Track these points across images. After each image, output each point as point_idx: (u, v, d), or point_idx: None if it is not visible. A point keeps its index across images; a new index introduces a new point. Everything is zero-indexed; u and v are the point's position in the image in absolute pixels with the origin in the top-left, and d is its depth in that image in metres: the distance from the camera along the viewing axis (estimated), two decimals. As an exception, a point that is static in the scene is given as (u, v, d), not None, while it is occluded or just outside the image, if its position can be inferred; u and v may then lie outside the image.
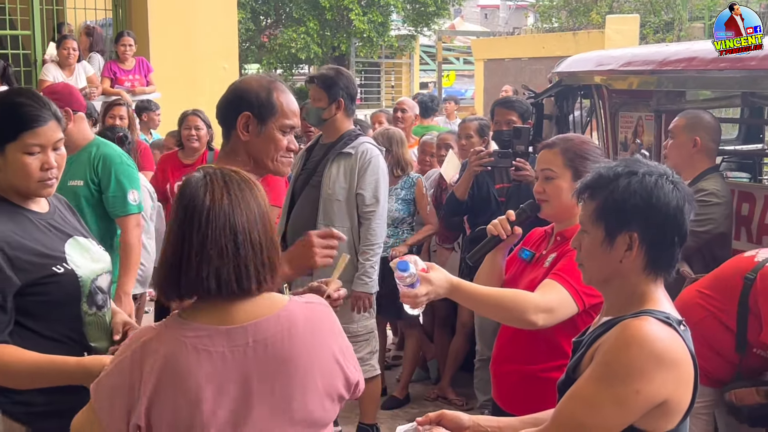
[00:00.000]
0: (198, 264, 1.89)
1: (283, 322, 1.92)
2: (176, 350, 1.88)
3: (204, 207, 1.90)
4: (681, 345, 2.00)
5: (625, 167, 2.10)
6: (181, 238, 1.91)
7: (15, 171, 2.52)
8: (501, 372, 3.08)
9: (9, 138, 2.50)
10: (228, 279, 1.89)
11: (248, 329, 1.90)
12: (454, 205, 5.12)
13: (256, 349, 1.90)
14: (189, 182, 1.96)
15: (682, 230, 2.06)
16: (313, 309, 2.00)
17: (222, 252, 1.88)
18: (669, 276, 2.12)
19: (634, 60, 4.88)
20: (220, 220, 1.89)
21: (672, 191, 2.05)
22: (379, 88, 21.43)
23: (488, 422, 2.34)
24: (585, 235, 2.14)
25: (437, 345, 6.10)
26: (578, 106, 5.78)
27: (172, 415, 1.87)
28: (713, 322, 3.39)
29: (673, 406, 1.99)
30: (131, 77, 9.02)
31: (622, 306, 2.09)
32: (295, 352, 1.91)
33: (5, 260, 2.40)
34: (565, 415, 2.04)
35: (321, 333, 1.97)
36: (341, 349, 2.00)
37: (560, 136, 3.18)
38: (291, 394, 1.91)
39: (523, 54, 16.38)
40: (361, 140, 4.54)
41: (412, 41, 20.45)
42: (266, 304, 1.95)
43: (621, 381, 1.95)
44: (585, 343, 2.13)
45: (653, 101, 4.83)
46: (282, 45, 18.28)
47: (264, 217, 1.96)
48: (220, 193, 1.92)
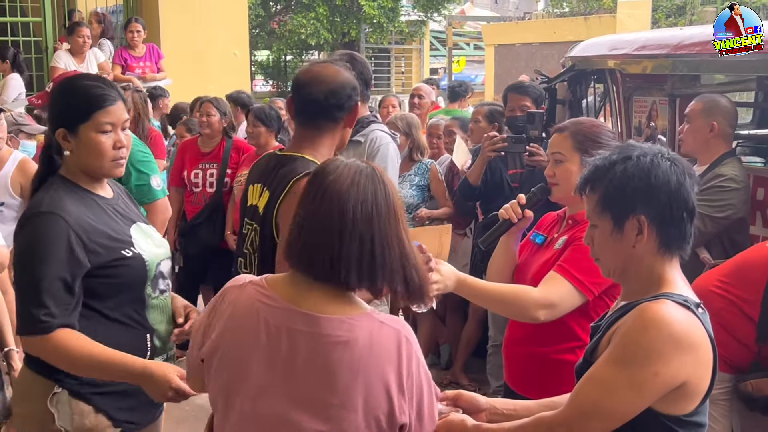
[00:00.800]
0: (298, 234, 1.93)
1: (345, 328, 1.88)
2: (245, 308, 1.96)
3: (324, 183, 1.92)
4: (699, 328, 2.00)
5: (619, 154, 2.10)
6: (298, 208, 1.95)
7: (89, 151, 2.55)
8: (513, 354, 3.10)
9: (82, 119, 2.52)
10: (322, 260, 1.89)
11: (309, 318, 1.90)
12: (467, 190, 5.11)
13: (310, 340, 1.89)
14: (328, 162, 1.99)
15: (689, 204, 2.06)
16: (383, 330, 1.91)
17: (324, 231, 1.89)
18: (684, 254, 2.11)
19: (649, 44, 4.84)
20: (333, 201, 1.89)
21: (670, 168, 2.05)
22: (389, 74, 21.39)
23: (504, 405, 2.35)
24: (594, 229, 2.15)
25: (450, 330, 6.10)
26: (591, 91, 5.75)
27: (223, 363, 1.96)
28: (734, 311, 3.36)
29: (692, 388, 1.99)
30: (142, 64, 9.02)
31: (640, 290, 2.09)
32: (344, 363, 1.86)
33: (79, 243, 2.44)
34: (582, 397, 2.04)
35: (378, 356, 1.87)
36: (399, 382, 1.88)
37: (572, 120, 3.18)
38: (328, 400, 1.87)
39: (534, 39, 16.29)
40: (372, 127, 4.50)
41: (422, 27, 20.40)
42: (341, 305, 1.93)
43: (639, 364, 1.95)
44: (603, 327, 2.13)
45: (668, 85, 4.79)
46: (292, 31, 18.27)
47: (385, 218, 1.92)
48: (345, 177, 1.92)
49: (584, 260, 2.74)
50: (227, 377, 1.96)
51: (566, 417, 2.05)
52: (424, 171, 5.75)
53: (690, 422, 2.03)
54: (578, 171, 2.82)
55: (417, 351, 1.94)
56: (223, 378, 1.97)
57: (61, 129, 2.54)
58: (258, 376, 1.92)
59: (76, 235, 2.45)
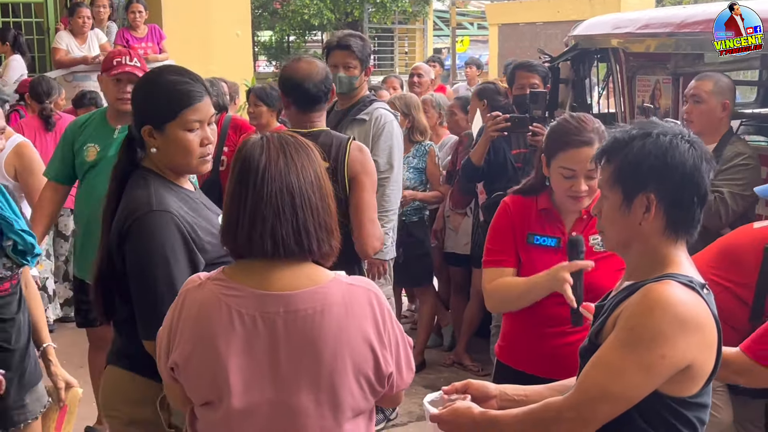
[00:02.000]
0: (251, 223, 1.91)
1: (318, 298, 1.92)
2: (211, 305, 1.94)
3: (259, 166, 1.92)
4: (704, 308, 1.99)
5: (640, 129, 2.08)
6: (237, 197, 1.94)
7: (177, 149, 2.51)
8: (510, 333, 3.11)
9: (170, 117, 2.48)
10: (286, 239, 1.91)
11: (282, 298, 1.92)
12: (471, 170, 5.09)
13: (287, 319, 1.91)
14: (246, 143, 1.99)
15: (701, 190, 2.04)
16: (353, 290, 1.97)
17: (278, 212, 1.90)
18: (691, 238, 2.10)
19: (652, 22, 4.82)
20: (276, 180, 1.91)
21: (688, 150, 2.03)
22: (392, 54, 21.27)
23: (515, 391, 2.34)
24: (604, 200, 2.13)
25: (453, 311, 6.11)
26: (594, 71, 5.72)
27: (199, 365, 1.95)
28: (728, 296, 3.33)
29: (698, 370, 1.99)
30: (144, 45, 8.99)
31: (645, 270, 2.07)
32: (324, 330, 1.90)
33: (191, 241, 2.42)
34: (590, 382, 2.03)
35: (355, 315, 1.94)
36: (379, 336, 1.96)
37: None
38: (317, 371, 1.91)
39: (537, 18, 16.20)
40: (375, 105, 4.50)
41: (425, 6, 20.27)
42: (307, 277, 1.95)
43: (646, 346, 1.94)
44: (607, 308, 2.12)
45: (671, 64, 4.77)
46: (295, 11, 18.16)
47: (321, 182, 1.97)
48: (276, 153, 1.94)
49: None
50: (210, 378, 1.95)
51: (575, 401, 2.04)
52: (423, 153, 5.74)
53: (694, 403, 2.03)
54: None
55: (387, 305, 2.02)
56: (205, 380, 1.96)
57: (148, 126, 2.50)
58: (242, 370, 1.92)
59: (188, 232, 2.42)
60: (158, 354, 2.06)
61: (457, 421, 2.19)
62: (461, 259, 5.84)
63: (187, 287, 2.02)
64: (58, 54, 8.50)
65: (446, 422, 2.21)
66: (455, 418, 2.19)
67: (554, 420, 2.06)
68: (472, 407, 2.20)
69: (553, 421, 2.06)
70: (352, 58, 4.36)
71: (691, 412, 2.03)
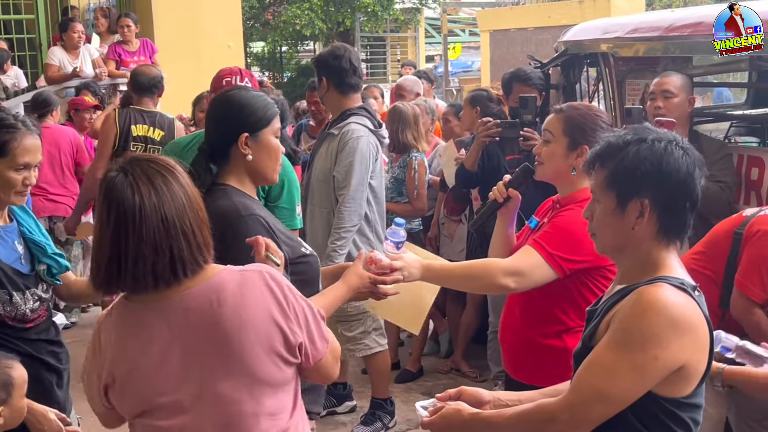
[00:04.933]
0: (134, 264, 1.95)
1: (213, 287, 2.00)
2: (123, 325, 2.05)
3: (135, 208, 1.94)
4: (696, 310, 2.01)
5: (635, 135, 2.10)
6: (116, 240, 1.95)
7: (268, 154, 2.67)
8: (505, 339, 3.15)
9: (264, 124, 2.66)
10: (163, 272, 1.96)
11: (180, 300, 1.99)
12: (464, 176, 5.11)
13: (188, 316, 1.99)
14: (113, 183, 1.97)
15: (693, 195, 2.07)
16: (245, 274, 2.04)
17: (157, 248, 1.94)
18: (682, 242, 2.12)
19: (641, 27, 4.84)
20: (152, 218, 1.94)
21: (682, 157, 2.05)
22: (384, 63, 21.35)
23: (508, 396, 2.36)
24: (597, 203, 2.15)
25: (450, 318, 6.12)
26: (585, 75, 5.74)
27: (128, 377, 2.04)
28: (703, 280, 3.37)
29: (691, 370, 2.01)
30: (136, 59, 8.99)
31: (637, 273, 2.09)
32: (224, 314, 1.97)
33: (278, 242, 2.54)
34: (584, 383, 2.05)
35: (252, 294, 2.00)
36: (282, 311, 2.02)
37: (571, 104, 3.22)
38: (228, 352, 1.98)
39: (528, 24, 16.24)
40: (349, 120, 4.48)
41: (416, 14, 20.35)
42: (198, 277, 2.02)
43: (639, 348, 1.96)
44: (600, 311, 2.14)
45: (660, 68, 4.80)
46: (286, 22, 18.21)
47: (191, 198, 2.01)
48: (147, 189, 1.96)
49: (557, 236, 2.83)
50: (137, 390, 2.04)
51: (569, 403, 2.06)
52: (405, 165, 5.67)
53: (688, 404, 2.04)
54: (563, 153, 2.92)
55: (285, 282, 2.09)
56: (133, 394, 2.05)
57: (245, 134, 2.62)
58: (166, 377, 2.01)
59: (273, 233, 2.59)
60: (88, 394, 2.17)
61: (447, 424, 2.21)
62: (457, 266, 5.83)
63: (99, 321, 2.14)
64: (51, 70, 8.51)
65: (437, 428, 2.23)
66: (445, 422, 2.21)
67: (548, 421, 2.07)
68: (461, 409, 2.21)
69: (547, 422, 2.08)
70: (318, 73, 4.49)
71: (685, 412, 2.04)
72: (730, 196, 4.01)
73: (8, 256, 2.83)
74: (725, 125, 5.18)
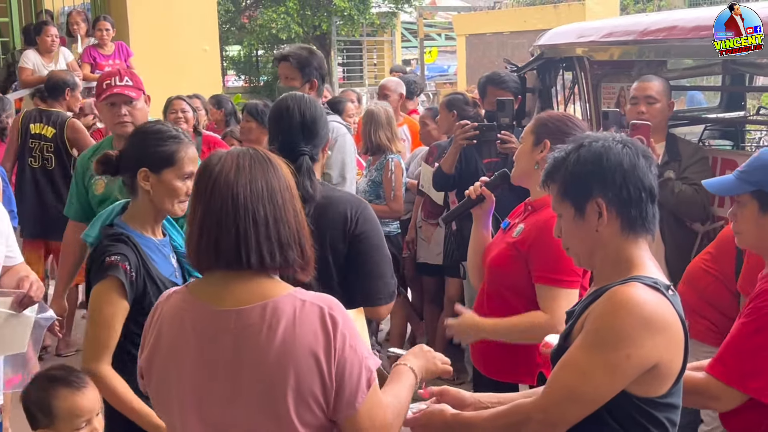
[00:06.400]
0: (199, 234, 1.92)
1: (268, 313, 1.90)
2: (172, 318, 1.99)
3: (210, 178, 1.93)
4: (669, 309, 2.03)
5: (573, 143, 2.17)
6: (192, 209, 1.96)
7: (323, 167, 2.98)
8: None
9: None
10: (226, 250, 1.90)
11: (234, 314, 1.91)
12: (441, 179, 5.13)
13: (236, 335, 1.91)
14: (211, 155, 2.01)
15: (646, 184, 2.10)
16: (306, 306, 1.92)
17: (221, 223, 1.90)
18: (650, 235, 2.15)
19: (615, 31, 4.88)
20: (222, 192, 1.91)
21: (622, 150, 2.11)
22: (361, 67, 21.33)
23: (489, 398, 2.37)
24: (560, 219, 2.20)
25: (427, 321, 6.12)
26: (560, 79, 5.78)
27: (157, 372, 2.01)
28: (718, 285, 3.43)
29: (664, 370, 2.02)
30: (111, 62, 8.93)
31: (610, 274, 2.12)
32: (271, 345, 1.88)
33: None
34: (558, 383, 2.07)
35: (303, 331, 1.89)
36: (328, 356, 1.89)
37: (548, 111, 3.28)
38: (261, 386, 1.90)
39: (504, 28, 16.34)
40: (329, 119, 4.49)
41: (393, 18, 20.35)
42: (261, 291, 1.94)
43: (611, 347, 1.98)
44: (576, 312, 2.16)
45: (635, 71, 4.83)
46: (262, 26, 18.17)
47: (278, 194, 1.95)
48: (230, 165, 1.94)
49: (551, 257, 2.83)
50: (166, 392, 2.00)
51: (543, 403, 2.07)
52: (382, 167, 5.70)
53: (663, 404, 2.06)
54: (529, 153, 3.00)
55: (344, 327, 1.93)
56: (165, 391, 2.01)
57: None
58: (196, 385, 1.95)
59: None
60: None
61: (429, 424, 2.23)
62: (434, 269, 5.85)
63: (159, 300, 2.07)
64: (24, 74, 8.43)
65: (420, 426, 2.24)
66: (428, 421, 2.23)
67: (523, 422, 2.10)
68: (444, 410, 2.24)
69: (523, 423, 2.10)
70: (290, 69, 4.39)
71: (661, 412, 2.06)
72: (705, 198, 4.03)
73: (166, 269, 2.86)
74: (699, 128, 5.23)
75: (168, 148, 2.84)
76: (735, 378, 2.44)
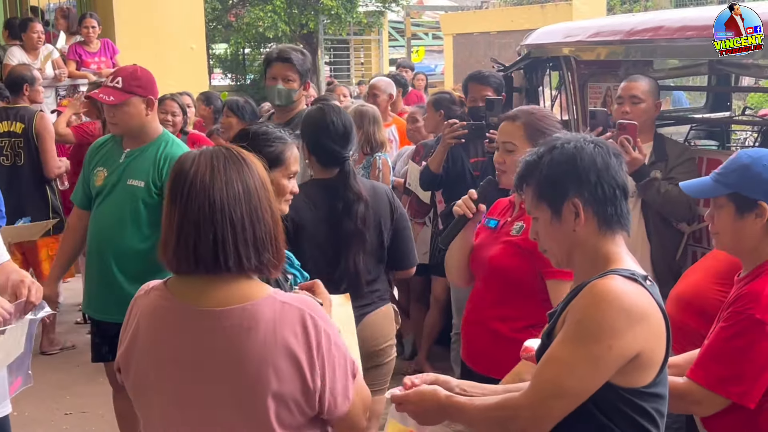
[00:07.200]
0: (177, 239, 1.90)
1: (247, 315, 1.90)
2: (151, 315, 1.98)
3: (186, 181, 1.91)
4: (648, 299, 2.05)
5: (545, 146, 2.19)
6: (168, 213, 1.94)
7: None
8: (467, 332, 3.18)
9: None
10: (204, 255, 1.89)
11: (212, 314, 1.91)
12: (429, 178, 5.13)
13: (214, 336, 1.90)
14: (183, 158, 1.98)
15: (619, 181, 2.14)
16: (285, 309, 1.93)
17: (199, 227, 1.89)
18: (627, 231, 2.17)
19: (602, 30, 4.89)
20: (199, 195, 1.89)
21: (594, 149, 2.14)
22: (348, 66, 21.31)
23: (473, 388, 2.37)
24: (536, 222, 2.22)
25: (413, 320, 6.12)
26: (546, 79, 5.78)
27: (135, 372, 1.99)
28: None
29: (646, 359, 2.04)
30: (97, 59, 8.90)
31: (589, 270, 2.14)
32: (249, 346, 1.88)
33: None
34: (542, 379, 2.07)
35: (283, 333, 1.89)
36: (309, 356, 1.91)
37: (521, 109, 3.25)
38: (239, 388, 1.89)
39: (491, 28, 16.36)
40: None
41: (380, 17, 20.31)
42: (241, 293, 1.93)
43: (593, 339, 1.99)
44: (558, 310, 2.17)
45: (621, 71, 4.85)
46: (249, 24, 18.10)
47: (254, 194, 1.94)
48: (205, 167, 1.92)
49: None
50: (146, 388, 1.99)
51: (529, 400, 2.08)
52: (369, 166, 5.67)
53: (649, 394, 2.07)
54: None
55: (326, 327, 1.96)
56: (142, 388, 2.00)
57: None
58: (177, 385, 1.94)
59: None
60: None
61: (422, 403, 2.22)
62: (420, 268, 5.81)
63: (138, 294, 2.06)
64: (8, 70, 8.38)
65: (411, 402, 2.23)
66: (420, 399, 2.22)
67: (511, 418, 2.10)
68: (437, 390, 2.22)
69: (511, 419, 2.10)
70: (292, 71, 4.36)
71: (647, 402, 2.07)
72: (691, 198, 4.04)
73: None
74: (685, 128, 5.25)
75: (276, 148, 2.86)
76: (715, 382, 2.45)
